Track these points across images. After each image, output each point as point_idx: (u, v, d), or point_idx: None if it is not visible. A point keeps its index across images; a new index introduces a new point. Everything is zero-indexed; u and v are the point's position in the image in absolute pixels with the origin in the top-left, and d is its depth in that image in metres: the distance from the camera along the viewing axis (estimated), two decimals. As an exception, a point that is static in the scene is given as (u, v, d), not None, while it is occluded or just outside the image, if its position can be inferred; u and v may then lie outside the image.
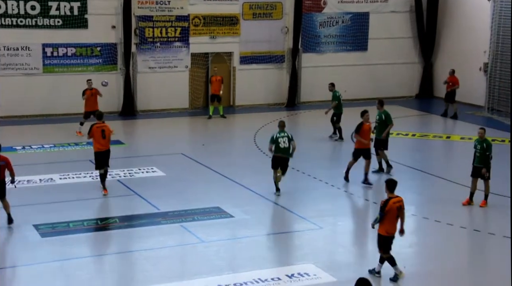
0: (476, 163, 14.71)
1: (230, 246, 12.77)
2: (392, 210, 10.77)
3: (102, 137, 15.29)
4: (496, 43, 24.24)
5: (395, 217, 10.83)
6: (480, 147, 14.61)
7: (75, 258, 11.97)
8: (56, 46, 23.00)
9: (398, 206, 10.83)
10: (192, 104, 24.85)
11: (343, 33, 26.32)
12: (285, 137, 15.44)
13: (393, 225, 10.86)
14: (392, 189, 10.91)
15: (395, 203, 10.80)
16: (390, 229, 10.87)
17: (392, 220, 10.83)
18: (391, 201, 10.79)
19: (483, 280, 11.55)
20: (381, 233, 10.93)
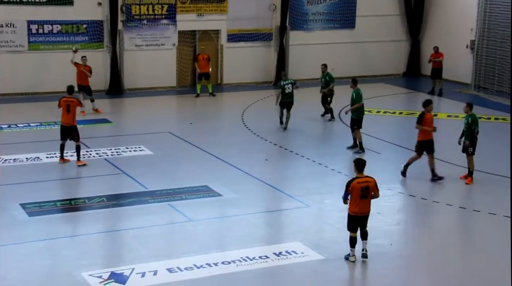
0: (465, 138, 14.85)
1: (218, 225, 12.81)
2: (355, 190, 10.68)
3: (66, 112, 15.70)
4: (483, 21, 24.27)
5: (358, 197, 10.70)
6: (466, 121, 14.73)
7: (62, 237, 11.98)
8: (41, 23, 22.76)
9: (364, 186, 10.68)
10: (180, 83, 24.75)
11: (330, 11, 26.23)
12: (289, 84, 19.18)
13: (357, 204, 10.74)
14: (360, 168, 10.80)
15: (360, 183, 10.69)
16: (353, 208, 10.80)
17: (356, 199, 10.72)
18: (355, 181, 10.72)
19: (469, 257, 11.68)
20: (348, 211, 10.96)
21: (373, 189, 10.81)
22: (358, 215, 10.88)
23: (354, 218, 10.91)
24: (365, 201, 10.80)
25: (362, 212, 10.87)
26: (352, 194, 10.78)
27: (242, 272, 10.72)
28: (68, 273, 10.56)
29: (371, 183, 10.78)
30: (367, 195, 10.76)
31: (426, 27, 27.31)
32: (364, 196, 10.74)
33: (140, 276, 10.49)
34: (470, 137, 14.68)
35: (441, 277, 10.76)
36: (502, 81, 23.79)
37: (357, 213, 10.86)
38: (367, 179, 10.81)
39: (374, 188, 10.82)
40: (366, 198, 10.79)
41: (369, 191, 10.77)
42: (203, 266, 10.82)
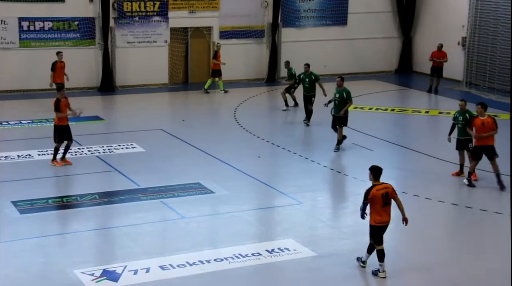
0: (459, 135, 14.78)
1: (210, 222, 12.81)
2: (376, 198, 10.14)
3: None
4: (475, 18, 24.33)
5: (381, 205, 10.16)
6: (462, 118, 14.65)
7: (54, 234, 11.95)
8: (32, 20, 22.66)
9: (383, 192, 10.16)
10: (172, 80, 24.70)
11: (322, 8, 26.24)
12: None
13: (380, 213, 10.19)
14: (376, 176, 10.27)
15: (379, 190, 10.16)
16: (378, 217, 10.22)
17: (378, 209, 10.18)
18: (374, 188, 10.17)
19: (462, 253, 11.72)
20: (370, 222, 10.35)
21: (392, 194, 10.26)
22: (382, 225, 10.26)
23: (379, 228, 10.29)
24: (387, 208, 10.25)
25: (385, 221, 10.28)
26: (373, 203, 10.18)
27: (235, 269, 10.72)
28: (60, 271, 10.54)
29: (390, 189, 10.26)
30: (388, 201, 10.24)
31: (417, 24, 27.37)
32: (386, 203, 10.21)
33: (132, 273, 10.48)
34: (469, 134, 14.57)
35: (433, 273, 10.79)
36: (493, 78, 23.88)
37: (380, 222, 10.23)
38: (385, 185, 10.28)
39: (393, 193, 10.28)
40: (389, 205, 10.25)
41: (389, 197, 10.22)
42: (195, 263, 10.82)
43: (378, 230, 10.33)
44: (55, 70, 20.44)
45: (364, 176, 15.15)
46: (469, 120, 14.60)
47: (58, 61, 20.48)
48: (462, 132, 14.76)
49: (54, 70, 20.45)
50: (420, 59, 27.32)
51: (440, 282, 10.54)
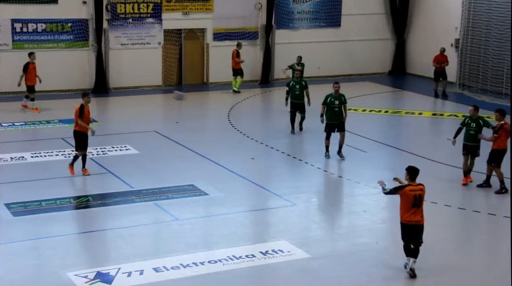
0: (468, 141, 14.65)
1: (204, 224, 12.80)
2: (408, 196, 10.27)
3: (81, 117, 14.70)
4: (467, 19, 24.43)
5: (411, 205, 10.27)
6: (475, 125, 14.52)
7: (48, 237, 11.91)
8: (25, 21, 22.60)
9: (417, 194, 10.28)
10: (165, 81, 24.68)
11: (316, 9, 26.27)
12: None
13: (410, 213, 10.30)
14: (412, 176, 10.45)
15: (412, 191, 10.28)
16: (407, 217, 10.35)
17: (409, 207, 10.29)
18: (408, 188, 10.33)
19: (455, 254, 11.75)
20: (401, 221, 10.46)
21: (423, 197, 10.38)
22: (411, 224, 10.38)
23: (407, 226, 10.42)
24: (417, 210, 10.35)
25: (416, 221, 10.38)
26: (403, 200, 10.33)
27: (229, 271, 10.71)
28: (53, 273, 10.50)
29: (422, 191, 10.37)
30: (419, 204, 10.32)
31: (411, 26, 27.44)
32: (416, 204, 10.31)
33: (126, 275, 10.46)
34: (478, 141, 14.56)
35: (427, 275, 10.81)
36: (486, 80, 23.96)
37: (411, 221, 10.37)
38: (420, 187, 10.42)
39: (424, 195, 10.42)
40: (419, 207, 10.34)
41: (422, 200, 10.34)
42: (189, 265, 10.80)
43: (406, 228, 10.41)
44: (27, 72, 20.40)
45: (358, 177, 15.27)
46: (482, 127, 14.55)
47: (30, 62, 20.44)
48: (472, 138, 14.61)
49: (26, 71, 20.41)
50: (414, 61, 27.41)
51: (433, 283, 10.57)
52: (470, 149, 14.71)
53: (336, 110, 16.43)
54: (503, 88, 23.32)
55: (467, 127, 14.72)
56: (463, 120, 15.03)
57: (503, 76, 23.36)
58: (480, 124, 14.59)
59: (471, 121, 14.66)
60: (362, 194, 14.37)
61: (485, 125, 14.63)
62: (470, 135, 14.67)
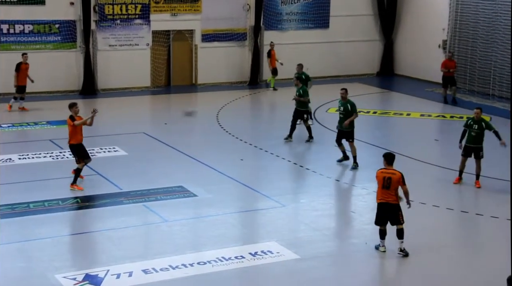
0: (469, 142, 14.59)
1: (193, 225, 12.78)
2: (378, 178, 11.21)
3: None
4: (455, 21, 24.57)
5: (381, 186, 11.15)
6: (478, 127, 14.51)
7: (36, 239, 11.84)
8: (12, 23, 22.48)
9: (386, 176, 11.12)
10: (154, 83, 24.62)
11: (304, 11, 26.32)
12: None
13: (382, 193, 11.14)
14: (388, 161, 11.30)
15: (383, 173, 11.19)
16: (379, 195, 11.23)
17: (380, 188, 11.19)
18: (380, 170, 11.27)
19: (442, 254, 11.80)
20: (376, 200, 11.37)
21: (398, 182, 11.10)
22: (383, 202, 11.16)
23: (380, 205, 11.25)
24: (387, 191, 11.13)
25: (385, 199, 11.14)
26: (378, 183, 11.21)
27: (218, 273, 10.71)
28: (41, 275, 10.45)
29: (394, 175, 11.13)
30: (388, 185, 11.09)
31: (399, 27, 27.54)
32: (385, 186, 11.11)
33: (115, 277, 10.42)
34: (481, 142, 14.51)
35: (416, 276, 10.86)
36: (473, 81, 24.10)
37: (382, 199, 11.17)
38: (389, 170, 11.23)
39: (400, 182, 11.12)
40: (388, 188, 11.11)
41: (391, 182, 11.07)
42: (178, 267, 10.78)
43: (379, 207, 11.27)
44: (20, 72, 20.41)
45: (347, 178, 15.30)
46: (484, 129, 14.52)
47: (23, 63, 20.45)
48: (475, 140, 14.56)
49: (19, 71, 20.41)
50: (402, 62, 27.51)
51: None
52: (471, 150, 14.63)
53: (341, 117, 16.10)
54: (490, 89, 23.46)
55: (469, 129, 14.62)
56: (465, 122, 14.89)
57: (490, 77, 23.50)
58: (483, 127, 14.54)
59: (474, 123, 14.59)
60: (351, 195, 14.41)
61: (487, 128, 14.59)
62: (471, 138, 14.60)
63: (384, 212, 11.24)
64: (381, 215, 11.30)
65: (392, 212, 11.20)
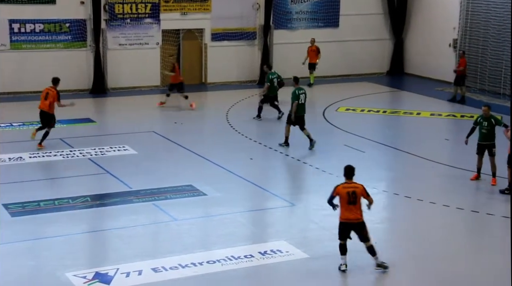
0: (481, 139, 14.66)
1: (202, 224, 12.80)
2: (341, 195, 10.44)
3: (44, 98, 17.01)
4: (466, 20, 24.45)
5: (346, 203, 10.42)
6: (487, 124, 14.57)
7: (46, 237, 11.90)
8: (23, 22, 22.58)
9: (349, 191, 10.41)
10: (163, 82, 24.66)
11: (314, 10, 26.28)
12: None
13: (346, 210, 10.44)
14: (346, 175, 10.61)
15: (345, 188, 10.46)
16: (342, 214, 10.51)
17: (344, 205, 10.45)
18: (341, 186, 10.51)
19: (455, 255, 11.76)
20: (339, 219, 10.64)
21: (362, 194, 10.50)
22: (346, 222, 10.52)
23: (343, 224, 10.57)
24: (353, 207, 10.45)
25: (350, 219, 10.49)
26: (340, 200, 10.50)
27: (227, 272, 10.71)
28: (51, 274, 10.49)
29: (359, 189, 10.49)
30: (354, 200, 10.43)
31: (409, 26, 27.45)
32: (351, 201, 10.43)
33: (124, 276, 10.45)
34: (493, 139, 14.54)
35: (426, 276, 10.82)
36: (484, 80, 23.99)
37: (345, 219, 10.51)
38: (353, 185, 10.53)
39: (363, 193, 10.52)
40: (355, 204, 10.44)
41: (357, 197, 10.43)
42: (188, 266, 10.80)
43: (342, 226, 10.59)
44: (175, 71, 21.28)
45: (356, 177, 15.23)
46: (494, 126, 14.58)
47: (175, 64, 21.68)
48: (486, 137, 14.61)
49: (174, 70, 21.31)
50: (412, 61, 27.42)
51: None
52: (484, 147, 14.69)
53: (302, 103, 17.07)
54: (501, 88, 23.34)
55: (480, 127, 14.71)
56: (475, 120, 14.98)
57: (501, 76, 23.38)
58: (492, 123, 14.60)
59: (483, 121, 14.66)
60: (361, 194, 14.35)
61: (497, 124, 14.65)
62: (482, 135, 14.68)
63: (348, 230, 10.57)
64: (346, 232, 10.58)
65: (358, 230, 10.52)
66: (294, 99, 17.01)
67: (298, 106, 16.97)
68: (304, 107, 17.19)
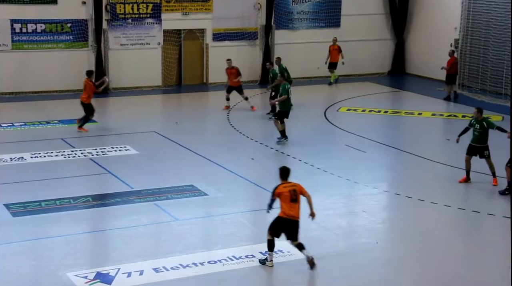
0: (473, 141, 14.68)
1: (204, 224, 12.80)
2: (283, 195, 10.69)
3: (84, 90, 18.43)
4: (467, 20, 24.42)
5: (289, 200, 10.66)
6: (479, 126, 14.59)
7: (47, 237, 11.91)
8: (25, 22, 22.59)
9: (291, 189, 10.71)
10: (165, 82, 24.68)
11: (316, 10, 26.28)
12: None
13: (289, 207, 10.67)
14: (282, 175, 10.89)
15: (286, 187, 10.74)
16: (285, 211, 10.70)
17: (287, 202, 10.67)
18: (281, 186, 10.78)
19: (455, 256, 11.76)
20: (279, 214, 10.78)
21: (300, 191, 10.80)
22: (289, 218, 10.69)
23: (284, 220, 10.72)
24: (295, 205, 10.72)
25: (292, 215, 10.71)
26: (282, 198, 10.71)
27: (229, 272, 10.72)
28: (53, 274, 10.50)
29: (298, 187, 10.82)
30: (296, 198, 10.71)
31: (410, 26, 27.45)
32: (293, 199, 10.70)
33: (126, 276, 10.46)
34: (485, 141, 14.56)
35: (426, 276, 10.82)
36: (485, 80, 23.96)
37: (289, 216, 10.69)
38: (291, 183, 10.83)
39: (302, 190, 10.82)
40: (296, 202, 10.71)
41: (297, 194, 10.73)
42: (189, 266, 10.81)
43: (281, 222, 10.73)
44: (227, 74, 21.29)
45: (357, 177, 15.27)
46: (487, 129, 14.58)
47: (228, 68, 21.27)
48: (478, 139, 14.63)
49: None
50: (413, 61, 27.41)
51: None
52: (475, 149, 14.69)
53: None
54: (502, 88, 23.32)
55: (473, 128, 14.76)
56: (470, 121, 15.04)
57: (502, 76, 23.36)
58: (484, 126, 14.59)
59: (476, 123, 14.69)
60: (362, 194, 14.38)
61: (489, 127, 14.62)
62: (475, 137, 14.70)
63: (285, 227, 10.73)
64: (281, 228, 10.76)
65: (293, 228, 10.73)
66: (285, 93, 17.51)
67: (287, 100, 17.53)
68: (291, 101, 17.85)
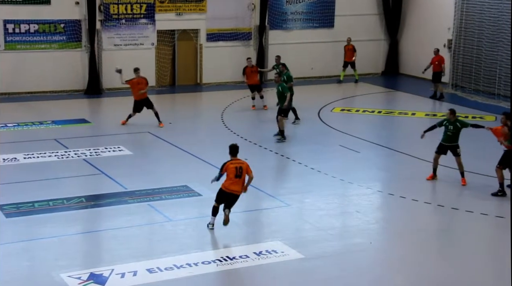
0: (445, 141, 14.82)
1: (198, 224, 12.78)
2: (229, 169, 11.84)
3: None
4: (460, 20, 24.50)
5: (234, 176, 11.80)
6: (453, 127, 14.71)
7: (40, 238, 11.87)
8: (18, 22, 22.53)
9: (237, 166, 11.84)
10: (159, 82, 24.65)
11: (309, 10, 26.30)
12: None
13: (233, 183, 11.84)
14: (232, 152, 12.07)
15: (233, 164, 11.89)
16: (228, 185, 11.89)
17: (231, 178, 11.83)
18: (229, 162, 11.93)
19: (448, 256, 11.79)
20: (221, 186, 12.01)
21: (246, 171, 11.91)
22: (229, 192, 11.90)
23: (224, 193, 11.95)
24: (239, 181, 11.86)
25: (233, 190, 11.90)
26: (228, 173, 11.88)
27: (223, 272, 10.71)
28: (46, 274, 10.47)
29: (245, 166, 11.93)
30: (240, 174, 11.82)
31: (404, 26, 27.50)
32: (238, 175, 11.82)
33: (119, 276, 10.44)
34: (456, 141, 14.72)
35: (420, 276, 10.84)
36: (478, 80, 24.04)
37: (229, 190, 11.89)
38: (239, 161, 11.99)
39: (247, 170, 11.93)
40: (240, 178, 11.83)
41: (243, 171, 11.85)
42: (183, 266, 10.80)
43: (223, 194, 12.02)
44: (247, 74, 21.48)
45: (351, 177, 15.28)
46: (460, 129, 14.70)
47: (248, 67, 21.51)
48: (450, 139, 14.77)
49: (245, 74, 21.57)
50: (407, 61, 27.47)
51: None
52: (447, 149, 14.88)
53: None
54: (495, 88, 23.40)
55: (445, 129, 14.90)
56: (441, 121, 15.11)
57: (495, 76, 23.44)
58: (458, 127, 14.76)
59: (449, 124, 14.83)
60: (355, 194, 14.40)
61: (463, 127, 14.79)
62: (447, 136, 14.86)
63: (227, 198, 11.94)
64: (222, 198, 11.99)
65: (232, 200, 11.96)
66: (287, 91, 17.95)
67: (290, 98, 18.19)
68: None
